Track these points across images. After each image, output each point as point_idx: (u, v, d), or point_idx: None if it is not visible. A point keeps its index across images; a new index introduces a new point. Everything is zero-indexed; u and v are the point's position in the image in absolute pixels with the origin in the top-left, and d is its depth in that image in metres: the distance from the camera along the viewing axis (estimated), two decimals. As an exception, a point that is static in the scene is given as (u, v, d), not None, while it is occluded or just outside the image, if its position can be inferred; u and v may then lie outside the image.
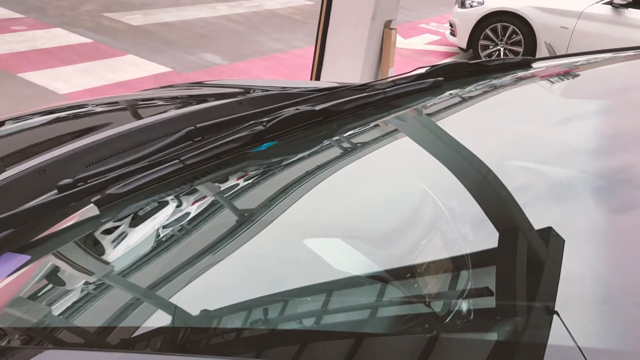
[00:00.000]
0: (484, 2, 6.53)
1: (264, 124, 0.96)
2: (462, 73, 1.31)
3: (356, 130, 1.03)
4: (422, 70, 1.26)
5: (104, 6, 6.64)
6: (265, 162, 0.97)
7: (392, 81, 1.21)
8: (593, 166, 0.77)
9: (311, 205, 0.82)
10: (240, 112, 1.28)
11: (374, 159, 0.93)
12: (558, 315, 0.50)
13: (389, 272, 0.63)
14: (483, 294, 0.56)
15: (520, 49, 6.35)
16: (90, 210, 0.82)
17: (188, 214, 0.82)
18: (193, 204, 0.85)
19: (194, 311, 0.60)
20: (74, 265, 0.74)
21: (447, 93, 1.32)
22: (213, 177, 0.92)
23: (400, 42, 6.94)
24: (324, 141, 1.01)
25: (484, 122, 1.09)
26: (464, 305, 0.54)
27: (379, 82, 1.25)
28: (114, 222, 0.84)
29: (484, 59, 1.64)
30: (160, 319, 0.61)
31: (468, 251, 0.68)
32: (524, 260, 0.64)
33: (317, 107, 1.02)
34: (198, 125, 0.96)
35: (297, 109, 1.00)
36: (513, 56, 6.40)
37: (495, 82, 1.30)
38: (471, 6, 6.62)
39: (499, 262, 0.65)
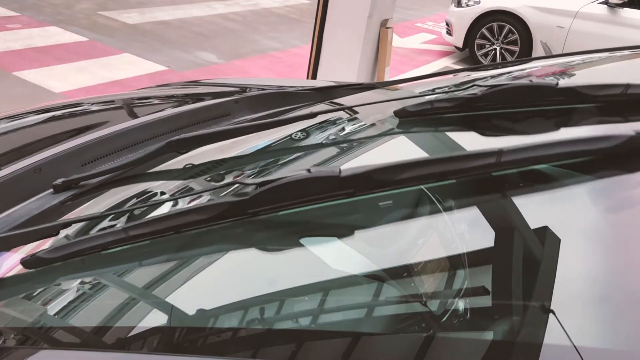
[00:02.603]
0: (480, 2, 6.54)
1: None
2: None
3: (352, 126, 1.03)
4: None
5: (99, 4, 6.62)
6: (265, 161, 0.96)
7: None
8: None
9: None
10: (237, 111, 1.28)
11: (370, 156, 0.93)
12: (554, 314, 0.50)
13: (385, 271, 0.63)
14: (479, 293, 0.56)
15: (516, 48, 6.36)
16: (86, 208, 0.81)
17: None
18: (189, 202, 0.85)
19: (191, 311, 0.60)
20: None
21: (444, 92, 1.33)
22: (210, 176, 0.92)
23: (397, 41, 6.95)
24: (317, 138, 1.01)
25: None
26: (460, 305, 0.54)
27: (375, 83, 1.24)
28: (109, 221, 0.83)
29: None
30: (156, 319, 0.61)
31: (464, 250, 0.68)
32: (520, 259, 0.64)
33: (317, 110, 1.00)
34: (175, 138, 0.90)
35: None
36: (509, 55, 6.41)
37: (492, 81, 1.30)
38: (467, 5, 6.63)
39: (495, 261, 0.65)
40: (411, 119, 0.91)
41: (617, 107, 0.83)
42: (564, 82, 0.84)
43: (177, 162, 0.97)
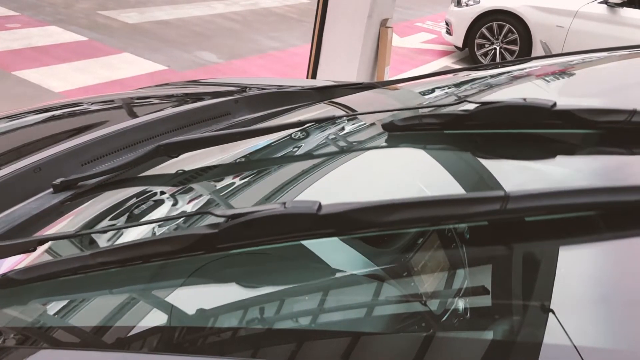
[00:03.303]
0: (479, 1, 6.54)
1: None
2: None
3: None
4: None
5: (99, 4, 6.61)
6: (263, 160, 0.96)
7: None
8: (589, 164, 0.77)
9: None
10: (237, 110, 1.28)
11: (371, 156, 0.93)
12: (554, 313, 0.50)
13: (385, 270, 0.63)
14: (479, 292, 0.56)
15: (516, 48, 6.36)
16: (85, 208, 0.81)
17: (184, 212, 0.82)
18: (189, 202, 0.85)
19: (191, 310, 0.60)
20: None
21: (443, 92, 1.33)
22: (208, 177, 0.92)
23: (397, 40, 6.95)
24: (319, 139, 1.00)
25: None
26: (460, 304, 0.54)
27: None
28: (108, 220, 0.83)
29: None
30: (156, 319, 0.61)
31: (464, 250, 0.68)
32: (520, 258, 0.64)
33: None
34: (165, 142, 0.89)
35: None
36: (509, 55, 6.41)
37: (491, 81, 1.30)
38: (467, 5, 6.63)
39: (495, 260, 0.65)
40: (399, 134, 0.87)
41: (621, 136, 0.76)
42: (561, 104, 0.76)
43: (177, 163, 0.97)
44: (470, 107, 0.83)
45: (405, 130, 0.86)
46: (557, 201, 0.54)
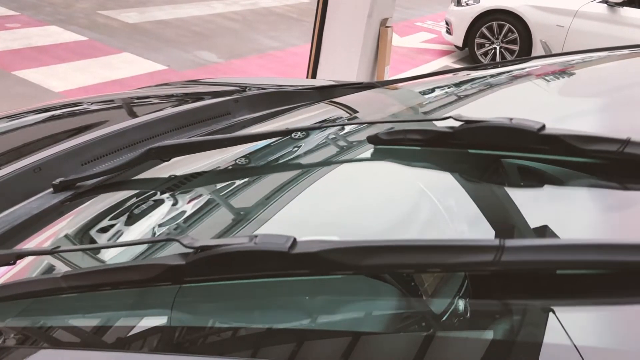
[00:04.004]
0: (480, 1, 6.54)
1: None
2: None
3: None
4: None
5: (99, 4, 6.61)
6: (268, 158, 0.96)
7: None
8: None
9: (307, 204, 0.82)
10: (237, 110, 1.28)
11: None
12: (554, 314, 0.50)
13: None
14: (479, 292, 0.56)
15: (516, 48, 6.36)
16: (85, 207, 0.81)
17: (184, 212, 0.82)
18: (189, 202, 0.85)
19: (191, 310, 0.60)
20: (68, 264, 0.73)
21: (443, 91, 1.33)
22: (208, 178, 0.92)
23: (397, 40, 6.94)
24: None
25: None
26: (460, 304, 0.54)
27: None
28: (108, 220, 0.84)
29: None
30: (156, 318, 0.61)
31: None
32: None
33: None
34: (156, 146, 0.88)
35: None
36: (509, 54, 6.41)
37: (491, 80, 1.30)
38: (467, 4, 6.62)
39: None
40: (384, 147, 0.85)
41: (612, 168, 0.70)
42: (550, 127, 0.71)
43: (178, 163, 0.97)
44: (463, 113, 0.81)
45: (389, 144, 0.84)
46: (560, 257, 0.49)
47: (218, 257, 0.54)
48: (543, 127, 0.71)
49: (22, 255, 0.66)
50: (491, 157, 0.78)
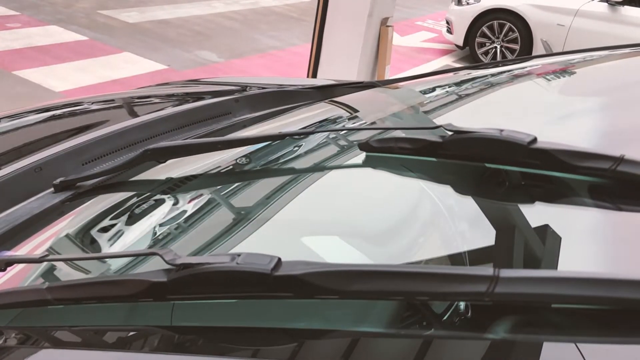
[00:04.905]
0: (480, 0, 6.53)
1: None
2: None
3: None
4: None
5: (99, 3, 6.61)
6: (262, 161, 0.96)
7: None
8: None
9: (308, 204, 0.82)
10: (238, 110, 1.28)
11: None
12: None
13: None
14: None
15: (517, 47, 6.35)
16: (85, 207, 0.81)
17: (185, 211, 0.82)
18: (189, 201, 0.85)
19: (191, 309, 0.60)
20: (69, 263, 0.73)
21: (444, 90, 1.33)
22: (208, 178, 0.92)
23: (397, 39, 6.94)
24: (322, 141, 1.00)
25: (481, 119, 1.09)
26: (460, 304, 0.54)
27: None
28: (109, 219, 0.84)
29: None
30: (157, 318, 0.61)
31: (465, 249, 0.68)
32: (521, 257, 0.64)
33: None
34: (152, 147, 0.88)
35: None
36: (510, 53, 6.40)
37: (492, 79, 1.30)
38: (468, 3, 6.62)
39: (496, 259, 0.65)
40: (375, 155, 0.85)
41: (603, 187, 0.68)
42: (541, 141, 0.69)
43: (177, 163, 0.97)
44: (458, 120, 0.80)
45: (380, 152, 0.84)
46: (556, 290, 0.47)
47: (198, 275, 0.53)
48: (534, 140, 0.69)
49: (11, 262, 0.65)
50: (480, 168, 0.77)
